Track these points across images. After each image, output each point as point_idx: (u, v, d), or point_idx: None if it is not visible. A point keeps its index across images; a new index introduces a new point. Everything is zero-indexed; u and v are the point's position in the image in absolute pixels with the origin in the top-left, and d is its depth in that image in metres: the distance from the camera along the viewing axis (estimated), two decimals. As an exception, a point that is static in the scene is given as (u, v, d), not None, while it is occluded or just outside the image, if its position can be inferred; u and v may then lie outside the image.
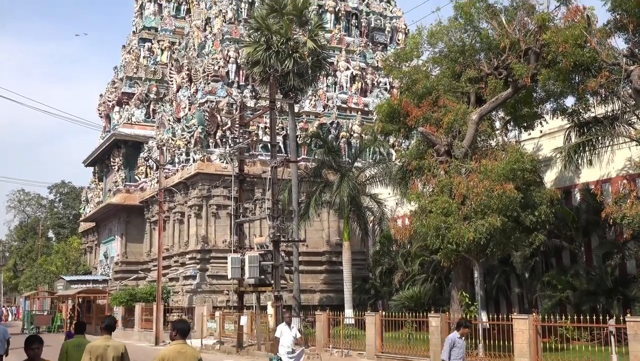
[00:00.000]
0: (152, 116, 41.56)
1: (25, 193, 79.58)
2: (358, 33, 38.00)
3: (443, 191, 16.54)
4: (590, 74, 16.41)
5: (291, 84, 24.60)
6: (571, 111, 18.48)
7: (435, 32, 19.90)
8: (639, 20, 15.41)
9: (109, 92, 45.90)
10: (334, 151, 28.09)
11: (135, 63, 43.50)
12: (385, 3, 39.96)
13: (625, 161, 18.83)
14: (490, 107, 18.13)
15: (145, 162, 39.08)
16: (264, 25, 24.61)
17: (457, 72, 19.69)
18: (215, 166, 31.02)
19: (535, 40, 17.19)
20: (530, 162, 16.61)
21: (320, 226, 32.19)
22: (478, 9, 18.93)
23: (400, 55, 21.30)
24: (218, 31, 35.17)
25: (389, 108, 20.66)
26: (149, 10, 45.64)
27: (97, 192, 47.87)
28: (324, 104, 34.22)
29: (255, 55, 24.59)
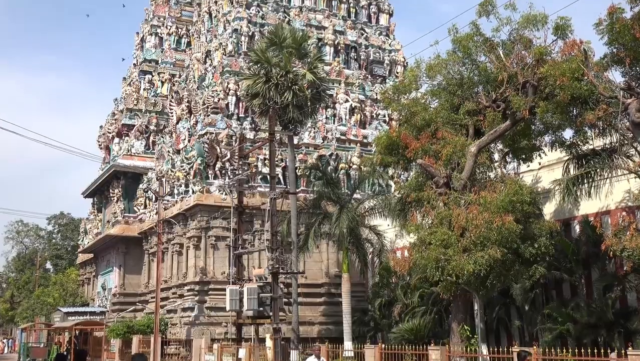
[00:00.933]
0: (151, 148, 41.69)
1: (24, 224, 79.40)
2: (357, 66, 38.33)
3: (442, 223, 16.54)
4: (588, 107, 16.55)
5: (290, 116, 24.75)
6: (569, 143, 18.58)
7: (434, 65, 20.12)
8: (636, 54, 15.57)
9: (108, 124, 46.11)
10: (333, 183, 28.12)
11: (136, 95, 43.78)
12: (384, 36, 40.39)
13: (624, 193, 18.86)
14: (488, 140, 18.23)
15: (144, 194, 39.09)
16: (263, 58, 24.84)
17: (456, 105, 19.85)
18: (215, 197, 31.01)
19: (533, 73, 17.37)
20: (529, 195, 16.64)
21: (319, 258, 32.07)
22: (476, 42, 19.17)
23: (399, 88, 21.50)
24: (218, 64, 35.48)
25: (388, 140, 20.76)
26: (150, 43, 46.09)
27: (95, 223, 47.77)
28: (323, 136, 34.35)
29: (254, 88, 24.78)
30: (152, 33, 45.86)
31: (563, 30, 17.56)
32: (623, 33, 15.30)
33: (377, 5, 41.07)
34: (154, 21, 45.93)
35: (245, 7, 36.79)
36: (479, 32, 19.28)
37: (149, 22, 46.34)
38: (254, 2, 37.25)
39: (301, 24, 36.85)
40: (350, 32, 38.74)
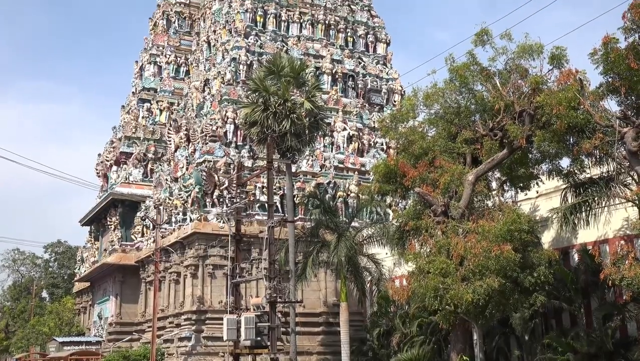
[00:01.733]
0: (149, 176, 41.68)
1: (20, 252, 78.95)
2: (355, 94, 38.56)
3: (440, 252, 16.50)
4: (585, 136, 16.63)
5: (288, 145, 24.79)
6: (567, 172, 18.62)
7: (431, 94, 20.25)
8: (631, 84, 15.69)
9: (107, 152, 46.15)
10: (331, 211, 28.07)
11: (134, 123, 43.91)
12: (382, 65, 40.70)
13: (622, 221, 18.85)
14: (486, 168, 18.27)
15: (142, 222, 38.99)
16: (261, 86, 24.97)
17: (453, 134, 19.93)
18: (212, 225, 30.94)
19: (529, 102, 17.49)
20: (527, 223, 16.63)
21: (317, 287, 31.89)
22: (472, 72, 19.32)
23: (396, 117, 21.61)
24: (217, 92, 35.66)
25: (386, 168, 20.80)
26: (149, 72, 46.34)
27: (92, 251, 47.55)
28: (321, 164, 34.40)
29: (253, 116, 24.86)
30: (151, 62, 46.13)
31: (559, 59, 17.73)
32: (618, 63, 15.44)
33: (374, 34, 41.46)
34: (153, 50, 46.24)
35: (244, 36, 37.12)
36: (476, 62, 19.44)
37: (148, 51, 46.65)
38: (252, 32, 37.59)
39: (299, 53, 37.14)
40: (347, 61, 39.04)
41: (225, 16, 39.24)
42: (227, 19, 38.92)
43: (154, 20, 49.09)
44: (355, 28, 41.04)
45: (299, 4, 39.57)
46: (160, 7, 48.26)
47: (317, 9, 39.70)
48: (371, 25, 41.61)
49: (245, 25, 37.47)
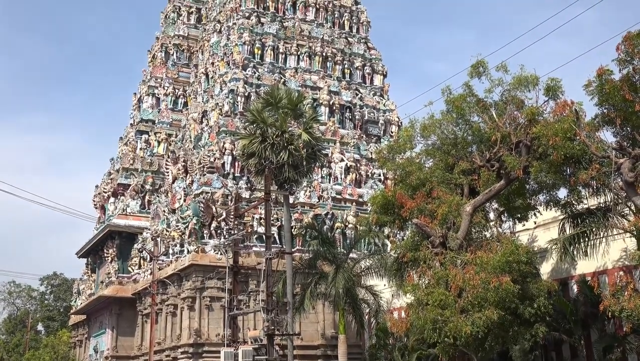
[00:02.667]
0: (147, 207, 41.61)
1: (16, 285, 78.43)
2: (352, 125, 38.75)
3: (439, 283, 16.43)
4: (581, 167, 16.68)
5: (286, 176, 24.81)
6: (564, 202, 18.64)
7: (428, 125, 20.35)
8: (626, 115, 15.80)
9: (104, 184, 46.14)
10: (329, 242, 28.00)
11: (132, 155, 43.99)
12: (379, 97, 40.98)
13: (621, 252, 18.81)
14: (483, 199, 18.28)
15: (139, 254, 38.81)
16: (259, 118, 25.07)
17: (450, 164, 19.98)
18: (210, 257, 30.81)
19: (526, 133, 17.58)
20: (525, 254, 16.59)
21: (316, 319, 31.65)
22: (469, 103, 19.45)
23: (393, 148, 21.68)
24: (214, 124, 35.80)
25: (384, 200, 20.81)
26: (147, 104, 46.56)
27: (89, 284, 47.24)
28: (319, 195, 34.42)
29: (250, 148, 24.92)
30: (149, 94, 46.39)
31: (554, 91, 17.87)
32: (613, 94, 15.58)
33: (371, 66, 41.81)
34: (151, 82, 46.54)
35: (242, 68, 37.40)
36: (472, 93, 19.59)
37: (147, 82, 46.96)
38: (250, 64, 37.89)
39: (297, 84, 37.40)
40: (345, 93, 39.31)
41: (223, 48, 39.60)
42: (225, 52, 39.26)
43: (152, 53, 49.51)
44: (352, 60, 41.40)
45: (296, 36, 39.97)
46: (159, 39, 48.71)
47: (315, 42, 40.08)
48: (368, 57, 41.98)
49: (243, 58, 37.79)
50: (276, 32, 39.46)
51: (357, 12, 43.20)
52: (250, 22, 39.10)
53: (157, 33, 49.93)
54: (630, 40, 15.40)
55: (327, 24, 41.60)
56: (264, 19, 39.94)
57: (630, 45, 15.38)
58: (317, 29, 40.69)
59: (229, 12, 41.51)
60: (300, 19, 40.85)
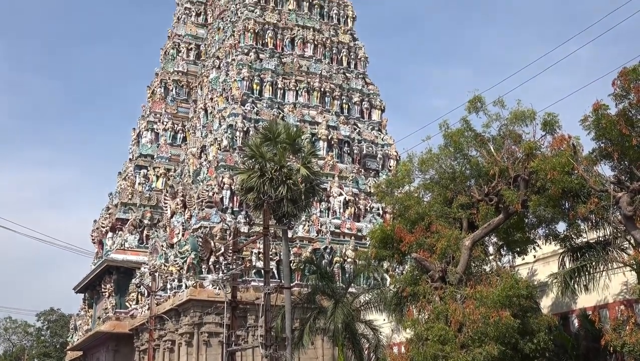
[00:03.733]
0: (145, 242, 41.50)
1: (12, 321, 77.77)
2: (350, 160, 38.91)
3: (439, 318, 16.32)
4: (580, 200, 16.71)
5: (285, 210, 24.81)
6: (563, 236, 18.61)
7: (426, 159, 20.41)
8: (623, 149, 15.89)
9: (102, 218, 46.09)
10: (328, 277, 27.88)
11: (131, 189, 44.02)
12: (377, 131, 41.22)
13: (622, 286, 18.73)
14: (482, 233, 18.27)
15: (136, 289, 38.58)
16: (258, 153, 25.18)
17: (449, 199, 19.99)
18: (208, 292, 30.62)
19: (524, 167, 17.64)
20: (525, 289, 16.51)
21: (315, 354, 31.35)
22: (467, 138, 19.55)
23: (392, 182, 21.71)
24: (213, 158, 35.92)
25: (382, 234, 20.76)
26: (146, 138, 46.77)
27: (86, 319, 46.86)
28: (318, 229, 34.38)
29: (249, 182, 24.98)
30: (148, 129, 46.64)
31: (551, 125, 17.99)
32: (609, 129, 15.69)
33: (369, 101, 42.14)
34: (150, 117, 46.81)
35: (241, 103, 37.68)
36: (470, 128, 19.70)
37: (146, 118, 47.23)
38: (248, 99, 38.18)
39: (295, 119, 37.64)
40: (343, 127, 39.54)
41: (222, 84, 39.94)
42: (224, 87, 39.59)
43: (152, 88, 49.90)
44: (351, 95, 41.73)
45: (294, 72, 40.34)
46: (159, 75, 49.14)
47: (313, 77, 40.45)
48: (366, 93, 42.32)
49: (242, 93, 38.09)
50: (275, 68, 39.84)
51: (355, 48, 43.67)
52: (249, 58, 39.50)
53: (157, 69, 50.39)
54: (625, 75, 15.58)
55: (325, 60, 42.03)
56: (263, 55, 40.36)
57: (626, 80, 15.55)
58: (315, 65, 41.11)
59: (227, 49, 41.98)
60: (299, 55, 41.28)
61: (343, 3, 44.68)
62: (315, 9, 43.48)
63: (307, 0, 43.26)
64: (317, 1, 43.53)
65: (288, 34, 41.76)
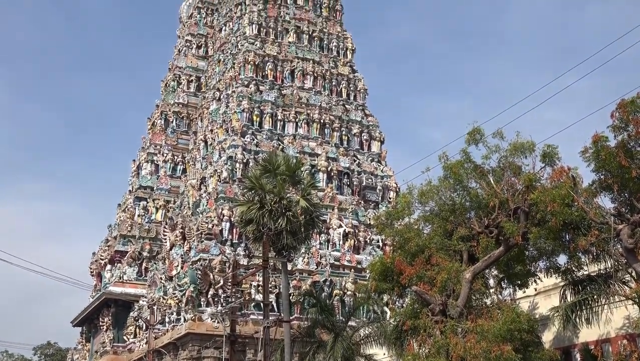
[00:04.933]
0: (144, 275, 41.24)
1: (9, 355, 76.92)
2: (350, 191, 38.86)
3: (440, 353, 16.11)
4: (580, 233, 16.61)
5: (284, 242, 24.69)
6: (564, 269, 18.46)
7: (426, 191, 20.36)
8: (623, 181, 15.85)
9: (101, 251, 45.89)
10: (328, 310, 27.61)
11: (130, 221, 43.91)
12: (376, 163, 41.25)
13: (624, 319, 18.50)
14: (483, 266, 18.13)
15: (135, 322, 38.25)
16: (257, 184, 25.14)
17: (449, 231, 19.88)
18: (207, 325, 30.33)
19: (524, 199, 17.57)
20: (527, 322, 16.33)
21: (314, 389, 30.89)
22: (466, 169, 19.51)
23: (392, 214, 21.62)
24: (213, 190, 35.89)
25: (382, 266, 20.62)
26: (146, 170, 46.81)
27: (83, 353, 46.38)
28: (317, 261, 34.19)
29: (248, 214, 24.89)
30: (148, 160, 46.70)
31: (550, 157, 17.97)
32: (609, 160, 15.67)
33: (369, 133, 42.26)
34: (150, 149, 46.91)
35: (240, 135, 37.79)
36: (469, 159, 19.68)
37: (146, 149, 47.33)
38: (248, 131, 38.29)
39: (295, 151, 37.70)
40: (342, 159, 39.58)
41: (222, 116, 40.10)
42: (224, 119, 39.75)
43: (152, 120, 50.11)
44: (350, 127, 41.87)
45: (294, 104, 40.54)
46: (159, 107, 49.39)
47: (313, 109, 40.62)
48: (365, 124, 42.47)
49: (241, 125, 38.22)
50: (275, 100, 40.04)
51: (354, 80, 43.94)
52: (249, 90, 39.72)
53: (157, 101, 50.67)
54: (624, 107, 15.61)
55: (325, 92, 42.25)
56: (263, 87, 40.59)
57: (624, 112, 15.58)
58: (315, 97, 41.32)
59: (228, 81, 42.25)
60: (299, 87, 41.52)
61: (342, 36, 45.08)
62: (315, 41, 43.84)
63: (307, 33, 43.63)
64: (316, 34, 43.91)
65: (288, 66, 42.05)
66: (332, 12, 45.63)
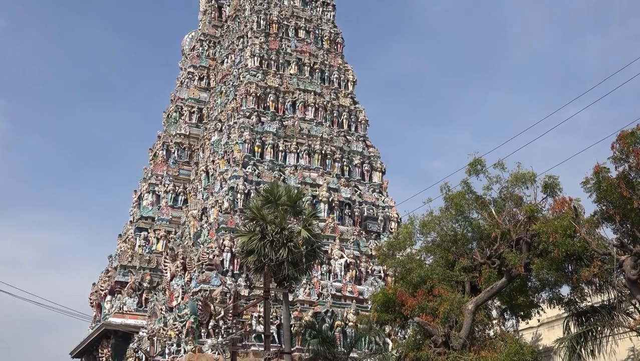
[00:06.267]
0: (144, 305, 40.99)
1: (7, 386, 76.11)
2: (351, 222, 38.83)
3: (443, 385, 15.97)
4: (583, 264, 16.60)
5: (285, 273, 24.65)
6: (567, 300, 18.40)
7: (427, 221, 20.38)
8: (625, 212, 15.88)
9: (101, 281, 45.68)
10: (329, 341, 27.46)
11: (131, 252, 43.78)
12: (378, 193, 41.28)
13: (629, 351, 18.39)
14: (485, 297, 18.07)
15: (134, 354, 37.86)
16: (259, 215, 25.17)
17: (451, 261, 19.86)
18: (207, 357, 30.06)
19: (526, 230, 17.60)
20: (530, 354, 16.24)
21: (315, 422, 30.53)
22: (468, 200, 19.57)
23: (393, 245, 21.63)
24: (214, 221, 35.88)
25: (384, 297, 20.55)
26: (147, 201, 46.80)
27: (82, 385, 45.91)
28: (319, 292, 34.03)
29: (250, 245, 24.88)
30: (149, 191, 46.70)
31: (552, 188, 18.05)
32: (610, 191, 15.73)
33: (370, 163, 42.37)
34: (152, 179, 46.96)
35: (242, 166, 37.88)
36: (470, 190, 19.75)
37: (147, 180, 47.38)
38: (250, 161, 38.41)
39: (296, 181, 37.77)
40: (344, 190, 39.62)
41: (224, 147, 40.26)
42: (225, 150, 39.89)
43: (154, 151, 50.25)
44: (351, 157, 41.98)
45: (295, 135, 40.72)
46: (161, 138, 49.56)
47: (314, 140, 40.77)
48: (366, 155, 42.60)
49: (243, 155, 38.34)
50: (276, 131, 40.22)
51: (355, 112, 44.19)
52: (251, 121, 39.94)
53: (159, 132, 50.88)
54: (624, 139, 15.72)
55: (326, 123, 42.45)
56: (264, 118, 40.82)
57: (625, 143, 15.68)
58: (316, 128, 41.50)
59: (230, 112, 42.50)
60: (300, 118, 41.74)
61: (344, 68, 45.45)
62: (316, 73, 44.19)
63: (308, 65, 44.00)
64: (318, 66, 44.28)
65: (289, 98, 42.33)
66: (333, 45, 46.06)
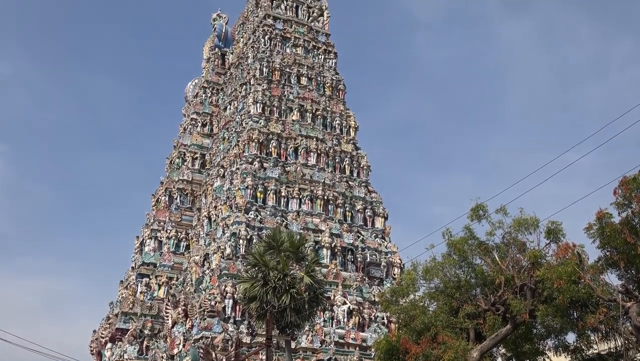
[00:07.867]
0: (145, 353, 40.42)
1: None
2: (354, 268, 38.60)
3: None
4: (588, 310, 16.47)
5: (288, 320, 24.39)
6: (574, 347, 18.20)
7: (430, 268, 20.30)
8: (629, 257, 15.82)
9: (102, 328, 45.16)
10: (332, 390, 27.01)
11: (132, 298, 43.40)
12: (380, 239, 41.14)
13: (636, 399, 18.06)
14: (490, 344, 17.89)
15: (134, 403, 37.29)
16: (261, 261, 25.05)
17: (455, 308, 19.72)
18: (208, 406, 29.58)
19: (530, 276, 17.51)
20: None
21: None
22: (470, 246, 19.53)
23: (396, 291, 21.51)
24: (216, 267, 35.69)
25: (388, 345, 20.36)
26: (149, 247, 46.60)
27: None
28: (322, 339, 33.61)
29: (252, 291, 24.69)
30: (152, 237, 46.55)
31: (555, 233, 18.02)
32: (614, 237, 15.70)
33: (372, 209, 42.33)
34: (154, 225, 46.88)
35: (244, 211, 37.86)
36: (473, 236, 19.72)
37: (150, 226, 47.30)
38: (252, 207, 38.40)
39: (298, 227, 37.69)
40: (346, 235, 39.51)
41: (226, 192, 40.30)
42: (228, 195, 39.92)
43: (156, 197, 50.28)
44: (354, 203, 41.97)
45: (298, 180, 40.80)
46: (163, 184, 49.67)
47: (316, 186, 40.85)
48: (369, 200, 42.60)
49: (245, 201, 38.36)
50: (278, 177, 40.33)
51: (357, 157, 44.37)
52: (253, 167, 40.09)
53: (162, 178, 51.01)
54: (626, 184, 15.76)
55: (329, 169, 42.58)
56: (267, 163, 40.98)
57: (627, 189, 15.72)
58: (318, 173, 41.62)
59: (232, 158, 42.69)
60: (302, 164, 41.89)
61: (345, 114, 45.82)
62: (319, 119, 44.53)
63: (311, 112, 44.38)
64: (320, 112, 44.65)
65: (292, 144, 42.55)
66: (335, 91, 46.52)
